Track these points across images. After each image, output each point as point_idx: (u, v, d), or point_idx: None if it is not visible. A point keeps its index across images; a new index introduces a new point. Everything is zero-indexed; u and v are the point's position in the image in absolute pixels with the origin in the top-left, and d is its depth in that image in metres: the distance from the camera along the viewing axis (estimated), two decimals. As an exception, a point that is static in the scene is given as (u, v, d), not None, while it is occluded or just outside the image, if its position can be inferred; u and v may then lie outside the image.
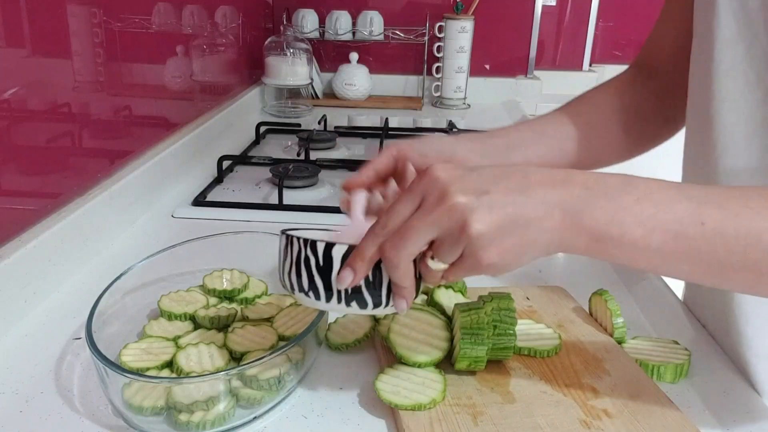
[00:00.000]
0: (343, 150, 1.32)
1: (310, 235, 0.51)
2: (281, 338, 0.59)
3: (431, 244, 0.45)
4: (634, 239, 0.42)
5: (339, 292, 0.47)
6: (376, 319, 0.63)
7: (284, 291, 0.52)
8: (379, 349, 0.60)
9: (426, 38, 1.75)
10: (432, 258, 0.46)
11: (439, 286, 0.63)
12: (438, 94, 1.78)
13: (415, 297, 0.48)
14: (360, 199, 0.55)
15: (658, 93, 0.71)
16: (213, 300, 0.66)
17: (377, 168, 0.57)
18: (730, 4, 0.54)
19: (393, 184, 0.58)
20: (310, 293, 0.48)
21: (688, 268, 0.43)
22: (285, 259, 0.49)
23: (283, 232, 0.50)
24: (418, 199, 0.44)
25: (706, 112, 0.58)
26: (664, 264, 0.43)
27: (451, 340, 0.56)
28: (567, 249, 0.44)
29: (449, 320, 0.58)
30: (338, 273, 0.47)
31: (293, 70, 1.56)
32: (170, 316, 0.62)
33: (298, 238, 0.48)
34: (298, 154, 1.18)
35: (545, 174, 0.45)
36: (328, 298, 0.48)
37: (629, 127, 0.71)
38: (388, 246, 0.44)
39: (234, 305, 0.65)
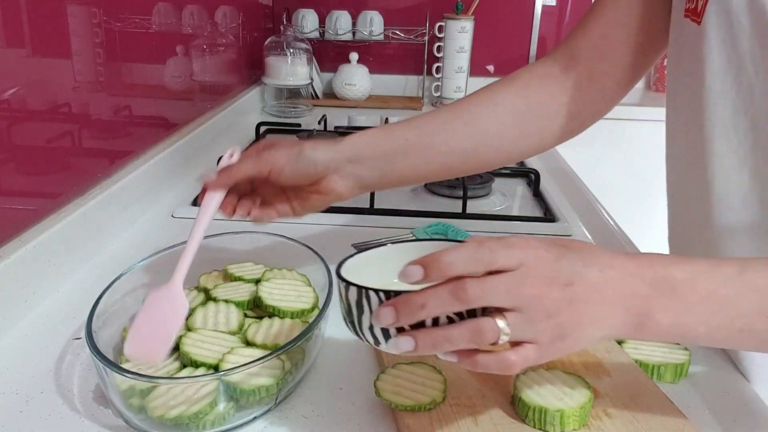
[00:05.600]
0: (343, 150, 1.32)
1: (364, 269, 0.48)
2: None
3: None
4: (697, 335, 0.43)
5: None
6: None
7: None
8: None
9: (426, 38, 1.75)
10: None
11: None
12: (438, 94, 1.78)
13: None
14: (215, 200, 0.59)
15: (572, 86, 0.70)
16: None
17: (238, 178, 0.60)
18: (719, 33, 0.55)
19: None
20: None
21: (754, 350, 0.46)
22: (361, 314, 0.44)
23: (341, 277, 0.44)
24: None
25: (697, 138, 0.59)
26: (727, 347, 0.47)
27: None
28: (619, 338, 0.46)
29: None
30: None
31: (293, 70, 1.56)
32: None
33: (375, 291, 0.42)
34: (298, 154, 1.18)
35: (617, 268, 0.43)
36: None
37: (554, 116, 0.70)
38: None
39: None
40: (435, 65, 1.77)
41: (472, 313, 0.41)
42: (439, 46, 1.74)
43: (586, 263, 0.43)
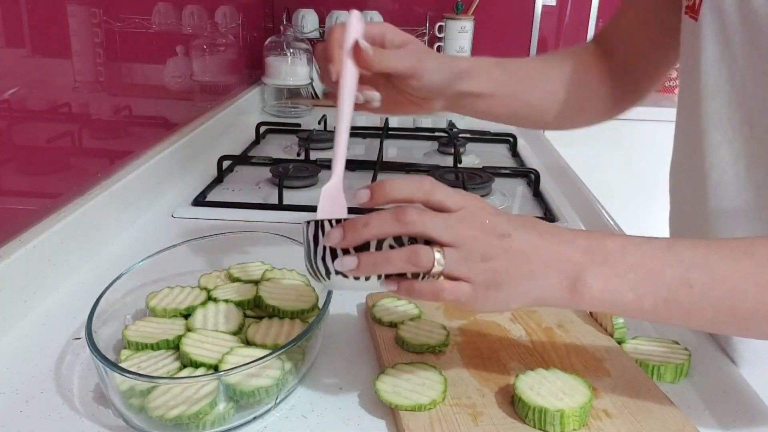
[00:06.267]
0: (343, 150, 1.32)
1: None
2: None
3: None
4: (625, 303, 0.45)
5: None
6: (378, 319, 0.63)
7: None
8: (379, 349, 0.60)
9: (426, 38, 1.75)
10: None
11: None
12: (438, 94, 1.78)
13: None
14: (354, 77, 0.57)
15: (611, 73, 0.75)
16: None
17: (390, 67, 0.59)
18: (713, 28, 0.57)
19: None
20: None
21: (680, 322, 0.46)
22: (316, 246, 0.47)
23: (308, 222, 0.49)
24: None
25: (694, 130, 0.61)
26: (656, 320, 0.47)
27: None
28: (554, 304, 0.46)
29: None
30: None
31: (293, 70, 1.56)
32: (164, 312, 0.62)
33: (329, 220, 0.47)
34: (298, 154, 1.18)
35: (555, 234, 0.46)
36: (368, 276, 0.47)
37: (594, 92, 0.76)
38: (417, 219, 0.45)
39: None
40: (435, 65, 1.77)
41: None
42: (439, 47, 1.74)
43: (526, 226, 0.46)
